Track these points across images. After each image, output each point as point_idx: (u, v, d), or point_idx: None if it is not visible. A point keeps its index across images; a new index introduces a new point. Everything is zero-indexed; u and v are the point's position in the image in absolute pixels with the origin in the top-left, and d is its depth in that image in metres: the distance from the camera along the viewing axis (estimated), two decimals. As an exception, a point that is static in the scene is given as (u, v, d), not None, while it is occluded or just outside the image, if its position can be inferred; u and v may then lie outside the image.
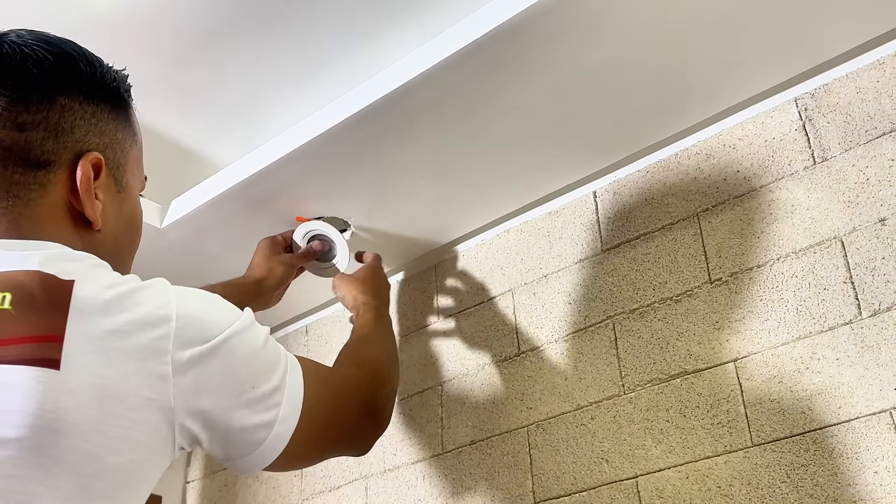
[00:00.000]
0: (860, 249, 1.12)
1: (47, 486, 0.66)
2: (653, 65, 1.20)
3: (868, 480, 1.02)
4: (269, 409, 0.82)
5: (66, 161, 0.80)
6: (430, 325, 1.55)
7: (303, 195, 1.43)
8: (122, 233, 0.88)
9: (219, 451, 0.81)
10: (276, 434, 0.82)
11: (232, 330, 0.79)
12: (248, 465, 0.83)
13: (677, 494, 1.16)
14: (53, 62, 0.80)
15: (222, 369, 0.77)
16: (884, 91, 1.17)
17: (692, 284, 1.25)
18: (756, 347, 1.16)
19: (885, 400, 1.04)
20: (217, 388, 0.77)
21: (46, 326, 0.69)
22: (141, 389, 0.71)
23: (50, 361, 0.68)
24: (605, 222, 1.39)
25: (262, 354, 0.82)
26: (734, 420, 1.15)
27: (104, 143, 0.84)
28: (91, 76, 0.84)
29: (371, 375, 1.08)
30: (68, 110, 0.81)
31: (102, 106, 0.84)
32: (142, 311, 0.74)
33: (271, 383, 0.82)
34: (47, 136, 0.79)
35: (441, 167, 1.37)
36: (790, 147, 1.23)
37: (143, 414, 0.72)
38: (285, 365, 0.85)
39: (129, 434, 0.70)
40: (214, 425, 0.78)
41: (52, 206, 0.80)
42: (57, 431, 0.67)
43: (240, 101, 1.35)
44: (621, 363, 1.28)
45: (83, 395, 0.68)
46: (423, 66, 1.19)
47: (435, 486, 1.42)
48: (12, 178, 0.78)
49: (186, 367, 0.74)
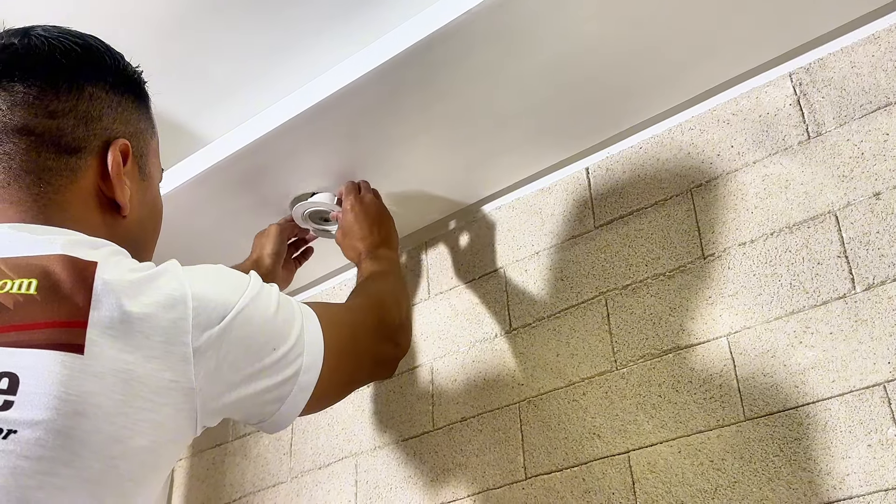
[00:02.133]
0: (854, 224, 1.12)
1: (75, 467, 0.67)
2: (647, 39, 1.19)
3: (861, 454, 1.02)
4: (290, 364, 0.85)
5: (96, 147, 0.84)
6: (420, 302, 1.54)
7: (293, 170, 1.41)
8: (147, 220, 0.91)
9: (251, 417, 0.85)
10: (302, 384, 0.86)
11: (243, 301, 0.81)
12: (280, 421, 0.87)
13: (669, 469, 1.16)
14: (80, 52, 0.84)
15: (240, 340, 0.80)
16: (878, 65, 1.17)
17: (685, 260, 1.25)
18: (749, 322, 1.16)
19: (878, 374, 1.04)
20: (238, 361, 0.80)
21: (70, 312, 0.71)
22: (163, 372, 0.73)
23: (74, 346, 0.70)
24: (598, 199, 1.38)
25: (277, 316, 0.85)
26: (727, 394, 1.14)
27: (129, 131, 0.87)
28: (115, 67, 0.88)
29: (379, 302, 1.13)
30: (96, 98, 0.84)
31: (127, 96, 0.88)
32: (160, 294, 0.76)
33: (290, 341, 0.85)
34: (77, 124, 0.82)
35: (431, 143, 1.36)
36: (784, 122, 1.23)
37: (166, 396, 0.73)
38: (301, 318, 0.88)
39: (153, 416, 0.72)
40: (242, 396, 0.81)
41: (82, 191, 0.83)
42: (82, 414, 0.68)
43: (228, 74, 1.33)
44: (614, 339, 1.28)
45: (107, 379, 0.70)
46: (414, 38, 1.18)
47: (426, 463, 1.41)
48: (45, 164, 0.81)
49: (206, 347, 0.76)
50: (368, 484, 1.47)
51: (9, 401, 0.67)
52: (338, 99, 1.26)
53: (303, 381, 0.86)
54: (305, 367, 0.86)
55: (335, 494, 1.51)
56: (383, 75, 1.22)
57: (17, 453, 0.66)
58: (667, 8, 1.13)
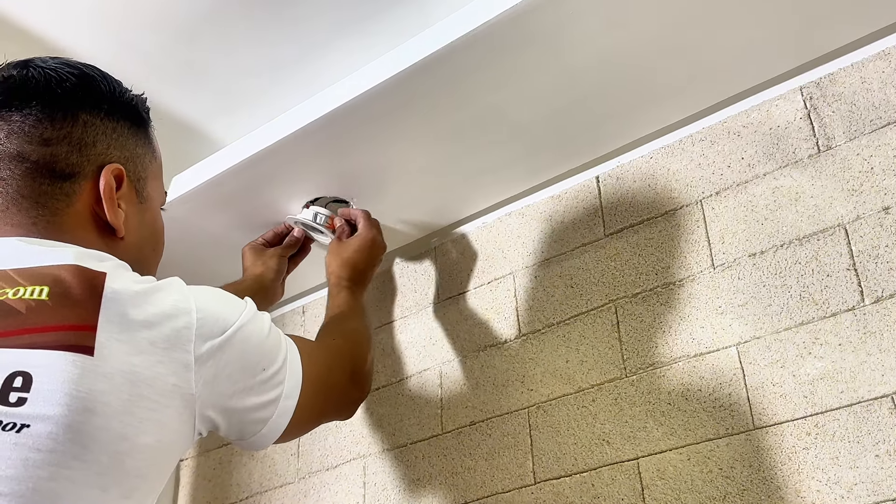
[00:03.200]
0: (864, 237, 1.14)
1: (83, 460, 0.72)
2: (659, 51, 1.20)
3: (869, 464, 1.04)
4: (274, 388, 0.90)
5: (90, 172, 0.88)
6: (430, 307, 1.56)
7: (305, 175, 1.42)
8: (146, 242, 0.95)
9: (234, 433, 0.90)
10: (282, 409, 0.91)
11: (242, 320, 0.86)
12: (259, 442, 0.93)
13: (678, 476, 1.17)
14: (75, 82, 0.88)
15: (237, 357, 0.85)
16: (889, 82, 1.19)
17: (695, 270, 1.27)
18: (759, 332, 1.18)
19: (886, 385, 1.06)
20: (233, 375, 0.85)
21: (81, 317, 0.76)
22: (167, 376, 0.78)
23: (85, 348, 0.74)
24: (608, 207, 1.40)
25: (268, 340, 0.91)
26: (736, 403, 1.16)
27: (125, 156, 0.91)
28: (111, 95, 0.91)
29: (354, 345, 1.18)
30: (90, 126, 0.88)
31: (122, 122, 0.92)
32: (166, 304, 0.81)
33: (276, 364, 0.91)
34: (71, 150, 0.86)
35: (443, 151, 1.38)
36: (795, 135, 1.24)
37: (169, 399, 0.78)
38: (285, 346, 0.94)
39: (157, 416, 0.77)
40: (232, 410, 0.86)
41: (78, 214, 0.87)
42: (91, 411, 0.72)
43: (244, 79, 1.34)
44: (623, 346, 1.29)
45: (115, 380, 0.74)
46: (430, 49, 1.19)
47: (434, 467, 1.43)
48: (41, 188, 0.85)
49: (206, 358, 0.81)
50: (377, 486, 1.48)
51: (23, 397, 0.71)
52: (353, 106, 1.26)
53: (284, 405, 0.91)
54: (286, 392, 0.91)
55: (343, 496, 1.52)
56: (399, 84, 1.23)
57: (29, 446, 0.70)
58: (679, 21, 1.15)
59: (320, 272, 1.65)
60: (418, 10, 1.23)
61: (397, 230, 1.57)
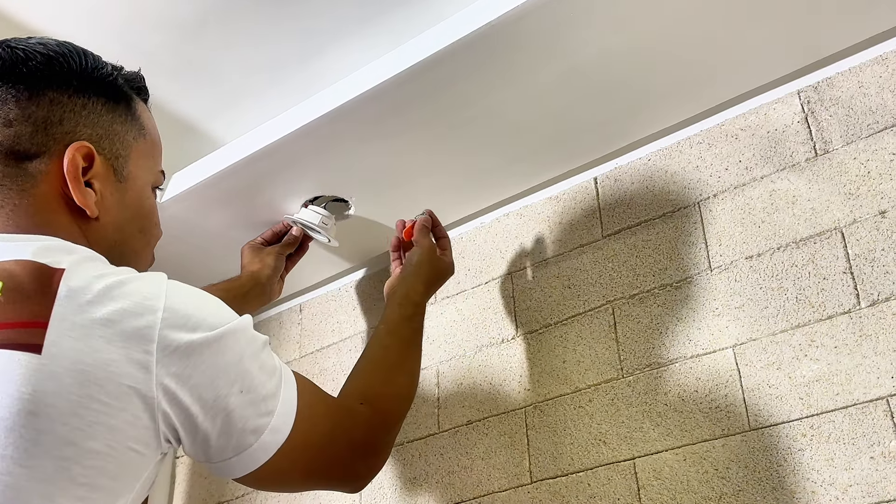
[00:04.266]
0: (860, 241, 1.15)
1: (26, 466, 0.68)
2: (658, 54, 1.21)
3: (864, 465, 1.05)
4: (260, 416, 0.81)
5: (57, 152, 0.84)
6: (428, 306, 1.56)
7: (304, 174, 1.43)
8: (128, 223, 0.89)
9: (199, 451, 0.80)
10: (263, 443, 0.81)
11: (225, 329, 0.79)
12: (227, 469, 0.82)
13: (674, 476, 1.18)
14: (41, 59, 0.84)
15: (209, 366, 0.77)
16: (886, 86, 1.20)
17: (692, 271, 1.27)
18: (755, 334, 1.19)
19: (881, 388, 1.07)
20: (201, 385, 0.77)
21: (32, 313, 0.72)
22: (121, 377, 0.72)
23: (32, 346, 0.70)
24: (606, 208, 1.40)
25: (256, 360, 0.82)
26: (732, 404, 1.17)
27: (97, 133, 0.86)
28: (81, 70, 0.87)
29: (383, 416, 1.01)
30: (56, 103, 0.84)
31: (95, 99, 0.87)
32: (129, 301, 0.75)
33: (265, 390, 0.81)
34: (36, 130, 0.83)
35: (442, 151, 1.38)
36: (792, 139, 1.25)
37: (123, 401, 0.72)
38: (280, 376, 0.84)
39: (108, 420, 0.71)
40: (195, 422, 0.77)
41: (45, 196, 0.83)
42: (34, 413, 0.69)
43: (244, 78, 1.35)
44: (620, 347, 1.30)
45: (64, 380, 0.70)
46: (429, 50, 1.20)
47: (431, 465, 1.44)
48: (4, 170, 0.82)
49: (171, 359, 0.75)
50: (373, 485, 1.49)
51: None
52: (352, 106, 1.27)
53: (266, 439, 0.81)
54: (273, 427, 0.81)
55: (339, 495, 1.53)
56: (398, 84, 1.23)
57: None
58: (678, 25, 1.16)
59: (318, 271, 1.67)
60: (419, 11, 1.23)
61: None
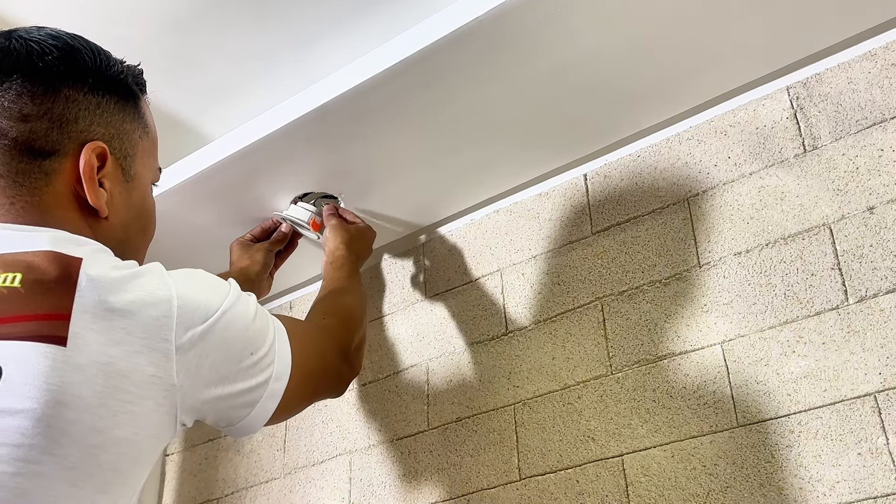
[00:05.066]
0: (848, 237, 1.15)
1: (53, 454, 0.69)
2: (647, 50, 1.21)
3: (852, 462, 1.05)
4: (263, 371, 0.87)
5: (72, 150, 0.84)
6: (417, 303, 1.56)
7: (293, 170, 1.42)
8: (132, 222, 0.91)
9: (222, 420, 0.88)
10: (271, 391, 0.88)
11: (226, 305, 0.83)
12: (249, 426, 0.89)
13: (662, 472, 1.18)
14: (58, 55, 0.84)
15: (221, 344, 0.82)
16: (874, 82, 1.20)
17: (681, 268, 1.27)
18: (743, 330, 1.18)
19: (869, 384, 1.07)
20: (217, 363, 0.82)
21: (54, 305, 0.73)
22: (145, 367, 0.75)
23: (57, 338, 0.71)
24: (596, 205, 1.40)
25: (254, 323, 0.87)
26: (720, 401, 1.17)
27: (110, 133, 0.87)
28: (97, 68, 0.87)
29: (345, 322, 1.17)
30: (72, 101, 0.84)
31: (108, 97, 0.88)
32: (144, 292, 0.78)
33: (264, 348, 0.88)
34: (52, 127, 0.82)
35: (432, 147, 1.38)
36: (781, 135, 1.25)
37: (147, 390, 0.76)
38: (273, 328, 0.91)
39: (133, 409, 0.74)
40: (218, 397, 0.83)
41: (58, 194, 0.83)
42: (63, 404, 0.70)
43: (233, 75, 1.34)
44: (609, 344, 1.30)
45: (89, 371, 0.72)
46: (418, 46, 1.19)
47: (420, 462, 1.43)
48: (19, 167, 0.82)
49: (188, 347, 0.79)
50: (362, 482, 1.49)
51: None
52: (341, 102, 1.27)
53: (272, 388, 0.89)
54: (276, 375, 0.89)
55: (329, 491, 1.52)
56: (387, 80, 1.23)
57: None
58: (667, 20, 1.16)
59: (308, 268, 1.67)
60: (407, 7, 1.23)
61: (385, 227, 1.57)
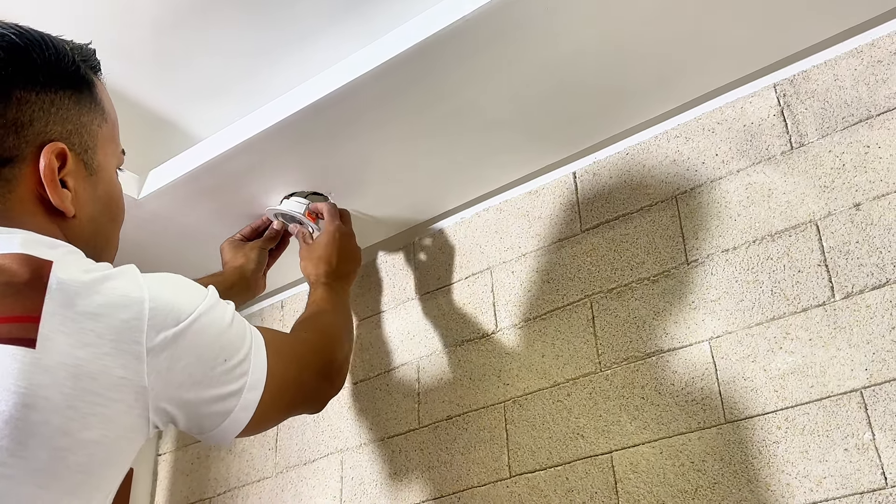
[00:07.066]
0: (835, 233, 1.15)
1: (21, 456, 0.69)
2: (634, 47, 1.21)
3: (838, 457, 1.05)
4: (237, 379, 0.87)
5: (30, 154, 0.82)
6: (407, 301, 1.56)
7: (283, 169, 1.42)
8: (100, 215, 0.90)
9: (194, 426, 0.86)
10: (245, 401, 0.88)
11: (200, 309, 0.83)
12: (221, 435, 0.89)
13: (651, 469, 1.18)
14: (4, 57, 0.80)
15: (193, 347, 0.81)
16: (861, 79, 1.20)
17: (669, 265, 1.27)
18: (731, 327, 1.19)
19: (855, 380, 1.07)
20: (191, 366, 0.81)
21: (24, 307, 0.72)
22: (114, 369, 0.75)
23: (26, 340, 0.71)
24: (585, 203, 1.40)
25: (230, 330, 0.87)
26: (708, 397, 1.17)
27: (67, 129, 0.84)
28: (46, 64, 0.83)
29: (327, 339, 1.17)
30: (25, 103, 0.81)
31: (62, 93, 0.84)
32: (115, 294, 0.77)
33: (239, 355, 0.87)
34: (7, 133, 0.80)
35: (422, 145, 1.38)
36: (768, 132, 1.25)
37: (117, 392, 0.75)
38: (251, 337, 0.90)
39: (102, 411, 0.74)
40: (189, 402, 0.82)
41: (22, 200, 0.82)
42: (31, 406, 0.70)
43: (221, 73, 1.34)
44: (598, 341, 1.30)
45: (58, 373, 0.71)
46: (406, 44, 1.19)
47: (411, 461, 1.44)
48: None
49: (160, 349, 0.78)
50: (354, 480, 1.49)
51: None
52: (331, 100, 1.27)
53: (246, 398, 0.88)
54: (250, 384, 0.88)
55: (320, 490, 1.53)
56: (377, 78, 1.23)
57: None
58: (654, 18, 1.16)
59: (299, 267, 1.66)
60: (395, 5, 1.22)
61: (375, 226, 1.57)
